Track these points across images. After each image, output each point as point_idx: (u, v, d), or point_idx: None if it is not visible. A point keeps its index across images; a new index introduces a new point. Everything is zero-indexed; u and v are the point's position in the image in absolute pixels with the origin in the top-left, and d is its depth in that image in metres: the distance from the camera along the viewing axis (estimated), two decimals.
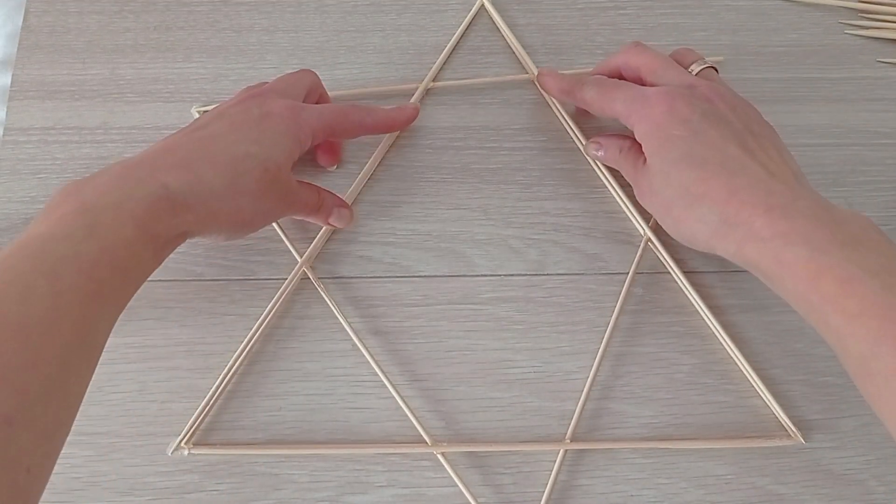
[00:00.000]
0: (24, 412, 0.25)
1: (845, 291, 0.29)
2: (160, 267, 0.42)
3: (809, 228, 0.31)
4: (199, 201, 0.33)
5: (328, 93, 0.44)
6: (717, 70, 0.40)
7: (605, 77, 0.41)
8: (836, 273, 0.30)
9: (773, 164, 0.35)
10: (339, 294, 0.42)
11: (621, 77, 0.41)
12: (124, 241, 0.30)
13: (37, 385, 0.26)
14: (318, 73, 0.47)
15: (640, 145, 0.38)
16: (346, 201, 0.43)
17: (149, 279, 0.42)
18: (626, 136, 0.40)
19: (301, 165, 0.42)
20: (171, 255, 0.42)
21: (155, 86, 0.47)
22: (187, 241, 0.34)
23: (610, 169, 0.44)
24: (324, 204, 0.41)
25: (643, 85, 0.39)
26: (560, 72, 0.44)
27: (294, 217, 0.41)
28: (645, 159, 0.38)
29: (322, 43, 0.48)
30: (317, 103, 0.42)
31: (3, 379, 0.25)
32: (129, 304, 0.41)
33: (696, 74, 0.39)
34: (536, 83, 0.45)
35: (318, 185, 0.41)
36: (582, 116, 0.46)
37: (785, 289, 0.32)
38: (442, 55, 0.47)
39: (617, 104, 0.39)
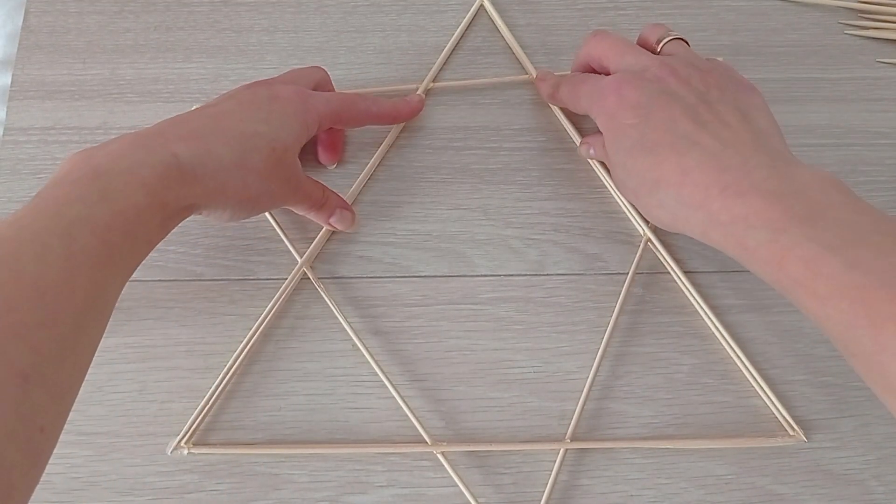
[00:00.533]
0: (40, 370, 0.26)
1: (811, 272, 0.29)
2: (161, 267, 0.43)
3: (766, 207, 0.31)
4: (208, 173, 0.33)
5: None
6: (686, 41, 0.40)
7: (577, 73, 0.42)
8: (798, 254, 0.29)
9: (727, 131, 0.34)
10: (339, 294, 0.42)
11: (592, 71, 0.41)
12: (135, 207, 0.30)
13: (52, 344, 0.26)
14: None
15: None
16: (350, 205, 0.43)
17: (150, 279, 0.42)
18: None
19: (303, 164, 0.42)
20: (172, 255, 0.43)
21: (155, 86, 0.47)
22: (186, 240, 0.35)
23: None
24: (328, 202, 0.41)
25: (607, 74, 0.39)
26: (555, 73, 0.44)
27: (296, 211, 0.41)
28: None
29: (322, 43, 0.48)
30: None
31: (20, 337, 0.25)
32: (128, 305, 0.42)
33: (661, 50, 0.39)
34: (536, 85, 0.45)
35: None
36: (573, 116, 0.46)
37: (757, 272, 0.32)
38: (441, 55, 0.47)
39: (582, 100, 0.39)
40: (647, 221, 0.43)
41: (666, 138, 0.34)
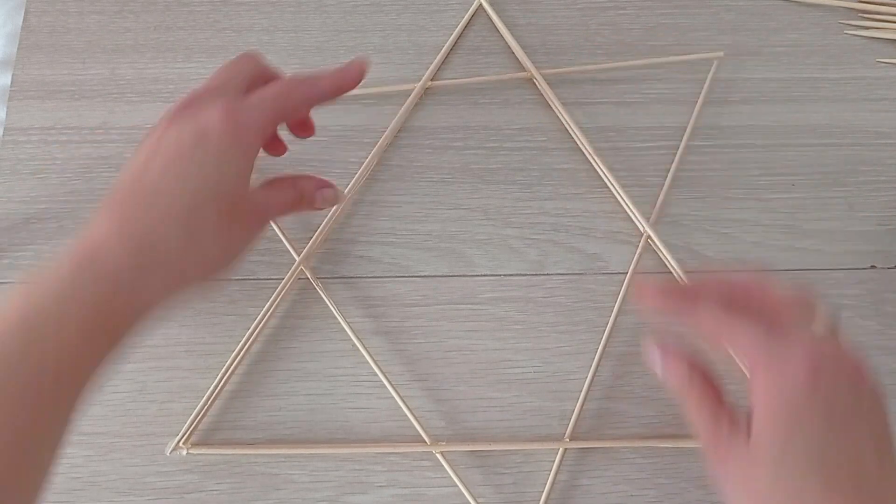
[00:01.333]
0: None
1: None
2: None
3: None
4: (157, 272, 0.30)
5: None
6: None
7: (725, 302, 0.32)
8: None
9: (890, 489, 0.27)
10: (339, 294, 0.42)
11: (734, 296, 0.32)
12: (70, 353, 0.28)
13: None
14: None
15: (718, 394, 0.31)
16: (326, 181, 0.38)
17: None
18: (701, 366, 0.32)
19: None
20: None
21: (155, 86, 0.47)
22: None
23: (610, 169, 0.44)
24: (304, 194, 0.37)
25: (771, 321, 0.30)
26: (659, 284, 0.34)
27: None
28: (747, 427, 0.29)
29: (322, 43, 0.48)
30: None
31: None
32: None
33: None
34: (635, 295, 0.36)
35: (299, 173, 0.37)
36: (573, 116, 0.46)
37: None
38: (440, 54, 0.47)
39: (744, 339, 0.30)
40: (646, 219, 0.43)
41: (851, 468, 0.27)
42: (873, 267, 0.43)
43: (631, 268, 0.43)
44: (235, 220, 0.32)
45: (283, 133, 0.39)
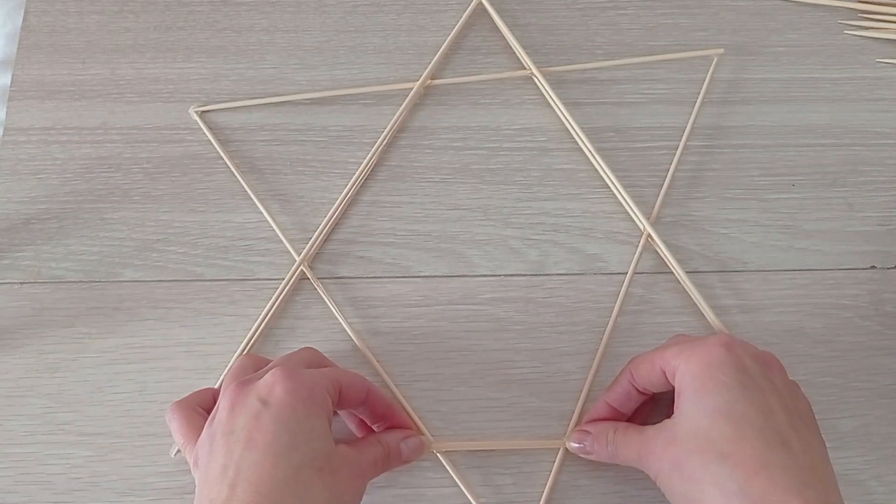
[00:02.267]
0: None
1: None
2: (161, 267, 0.43)
3: None
4: None
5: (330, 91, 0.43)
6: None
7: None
8: None
9: (814, 452, 0.32)
10: (339, 294, 0.42)
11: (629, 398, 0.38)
12: None
13: None
14: (317, 74, 0.47)
15: (647, 410, 0.37)
16: (410, 430, 0.39)
17: (150, 279, 0.42)
18: (616, 417, 0.38)
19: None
20: (172, 256, 0.43)
21: (155, 86, 0.47)
22: (187, 240, 0.33)
23: (610, 169, 0.44)
24: (390, 450, 0.37)
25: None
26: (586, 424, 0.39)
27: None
28: (668, 415, 0.34)
29: (322, 43, 0.48)
30: None
31: None
32: (129, 305, 0.42)
33: None
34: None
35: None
36: (573, 116, 0.46)
37: None
38: (439, 53, 0.47)
39: (669, 351, 0.35)
40: (647, 218, 0.43)
41: (757, 420, 0.31)
42: (873, 267, 0.43)
43: (631, 268, 0.43)
44: (338, 481, 0.32)
45: None
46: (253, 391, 0.32)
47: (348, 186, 0.44)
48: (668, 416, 0.34)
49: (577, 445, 0.38)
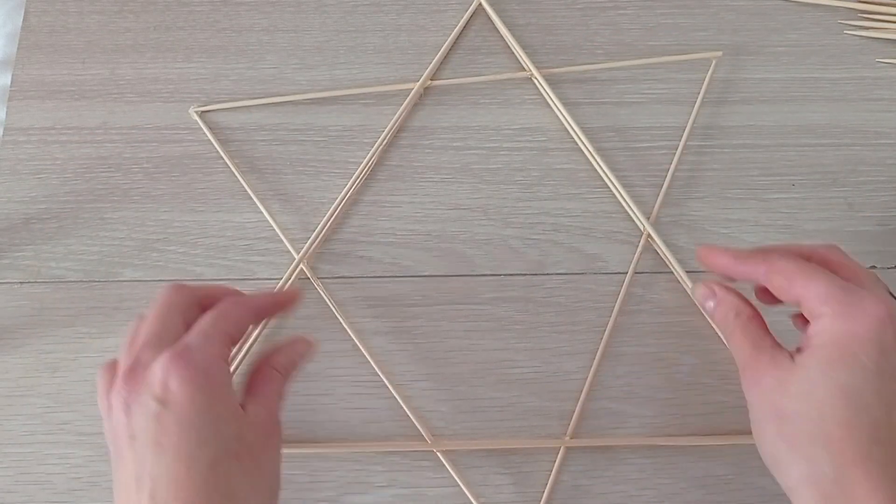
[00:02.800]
0: None
1: None
2: (161, 267, 0.43)
3: None
4: None
5: (328, 92, 0.42)
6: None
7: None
8: None
9: None
10: (339, 294, 0.42)
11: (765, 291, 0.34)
12: None
13: None
14: (317, 74, 0.47)
15: (762, 323, 0.33)
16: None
17: (150, 279, 0.42)
18: (749, 303, 0.34)
19: None
20: (172, 256, 0.43)
21: (155, 86, 0.47)
22: (186, 240, 0.33)
23: (610, 169, 0.44)
24: (291, 367, 0.36)
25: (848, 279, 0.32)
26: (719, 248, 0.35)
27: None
28: (794, 350, 0.31)
29: (322, 43, 0.48)
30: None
31: None
32: (129, 305, 0.42)
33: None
34: (698, 260, 0.36)
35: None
36: (573, 116, 0.46)
37: None
38: (439, 53, 0.47)
39: (821, 285, 0.31)
40: (647, 218, 0.43)
41: (877, 412, 0.29)
42: (873, 267, 0.43)
43: (631, 268, 0.43)
44: (251, 450, 0.31)
45: None
46: (146, 389, 0.30)
47: (348, 186, 0.44)
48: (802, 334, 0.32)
49: (702, 298, 0.35)
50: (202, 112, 0.46)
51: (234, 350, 0.40)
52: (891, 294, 0.32)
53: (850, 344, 0.29)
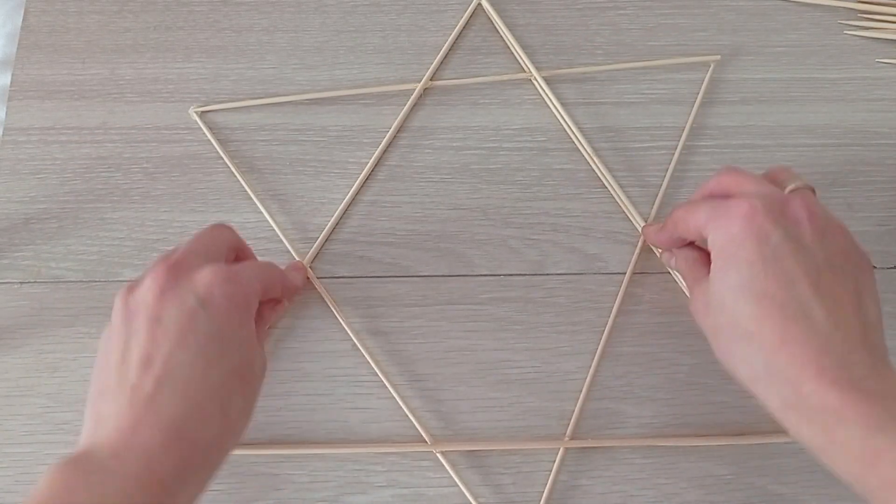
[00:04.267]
0: None
1: None
2: None
3: (864, 403, 0.28)
4: (205, 464, 0.30)
5: (331, 92, 0.43)
6: (814, 192, 0.34)
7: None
8: (894, 456, 0.28)
9: (841, 310, 0.31)
10: (339, 294, 0.42)
11: None
12: None
13: None
14: (317, 74, 0.47)
15: (707, 258, 0.34)
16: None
17: None
18: (698, 247, 0.37)
19: None
20: None
21: (155, 86, 0.47)
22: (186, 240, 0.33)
23: (609, 169, 0.44)
24: (286, 292, 0.39)
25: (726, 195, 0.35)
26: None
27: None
28: (708, 273, 0.33)
29: (322, 43, 0.48)
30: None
31: None
32: None
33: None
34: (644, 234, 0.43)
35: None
36: (573, 116, 0.46)
37: (835, 465, 0.29)
38: (440, 54, 0.47)
39: (700, 213, 0.34)
40: (645, 220, 0.43)
41: (779, 294, 0.30)
42: (874, 267, 0.43)
43: (630, 267, 0.43)
44: (254, 377, 0.33)
45: None
46: (188, 285, 0.31)
47: (353, 188, 0.44)
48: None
49: (667, 259, 0.40)
50: (202, 112, 0.46)
51: None
52: (801, 182, 0.34)
53: (727, 247, 0.32)
